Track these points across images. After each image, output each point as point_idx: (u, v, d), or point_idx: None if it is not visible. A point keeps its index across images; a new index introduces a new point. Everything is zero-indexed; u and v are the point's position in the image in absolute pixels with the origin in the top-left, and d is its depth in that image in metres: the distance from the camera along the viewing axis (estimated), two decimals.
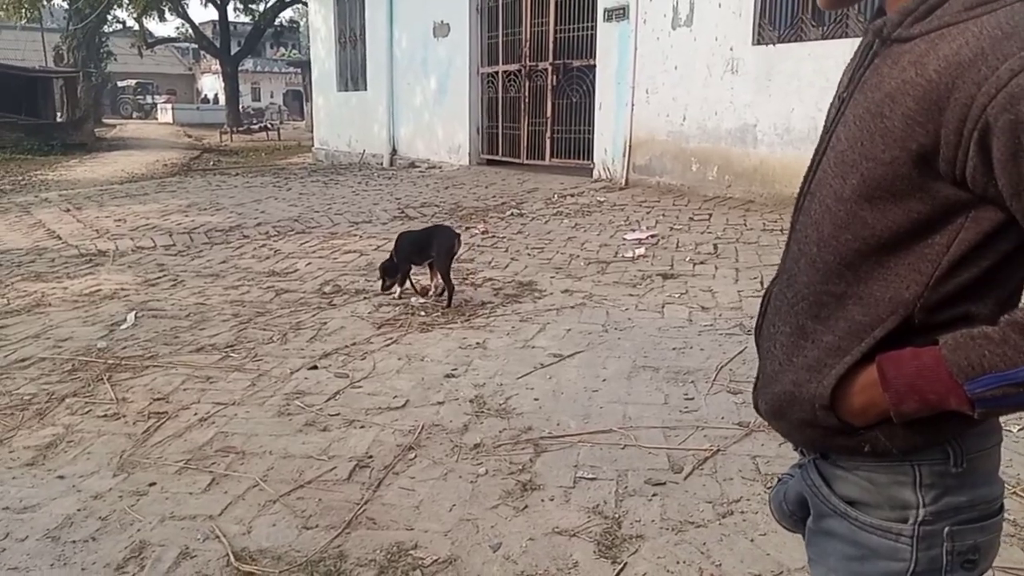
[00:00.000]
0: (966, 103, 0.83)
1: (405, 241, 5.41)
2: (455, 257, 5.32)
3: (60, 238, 7.72)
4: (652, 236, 7.02)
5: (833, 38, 7.65)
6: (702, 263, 6.05)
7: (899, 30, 0.94)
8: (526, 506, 2.63)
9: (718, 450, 2.98)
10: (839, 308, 0.98)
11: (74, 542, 2.47)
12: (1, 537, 2.49)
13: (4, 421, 3.39)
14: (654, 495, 2.68)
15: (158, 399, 3.61)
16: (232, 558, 2.35)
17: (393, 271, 5.35)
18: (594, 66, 10.54)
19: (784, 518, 1.22)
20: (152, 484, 2.82)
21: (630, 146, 9.93)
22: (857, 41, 1.09)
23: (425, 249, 5.28)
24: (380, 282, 5.40)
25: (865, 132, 0.93)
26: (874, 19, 1.00)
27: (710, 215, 7.84)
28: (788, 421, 1.07)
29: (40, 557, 2.38)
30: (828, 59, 7.58)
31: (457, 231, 5.44)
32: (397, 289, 5.35)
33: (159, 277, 6.12)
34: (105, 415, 3.44)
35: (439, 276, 5.25)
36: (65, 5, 36.03)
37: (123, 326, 4.77)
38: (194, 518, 2.59)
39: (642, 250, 6.50)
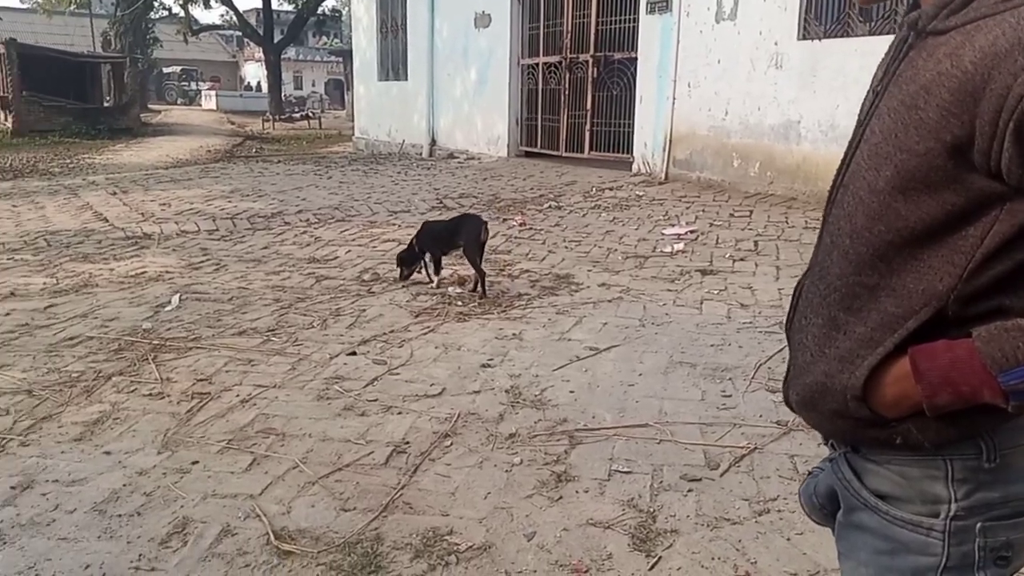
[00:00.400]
0: (1002, 93, 0.82)
1: (432, 229, 5.45)
2: (484, 245, 5.33)
3: (107, 220, 7.89)
4: (691, 231, 6.97)
5: (881, 34, 7.51)
6: (742, 260, 6.00)
7: (934, 23, 0.93)
8: (560, 497, 2.65)
9: (755, 448, 2.97)
10: (872, 300, 0.98)
11: (120, 516, 2.53)
12: (51, 508, 2.56)
13: (53, 397, 3.48)
14: (689, 491, 2.68)
15: (201, 380, 3.68)
16: (272, 537, 2.40)
17: (411, 260, 5.41)
18: (635, 59, 10.48)
19: (814, 511, 1.22)
20: (195, 462, 2.88)
21: (670, 140, 9.87)
22: None
23: (453, 237, 5.30)
24: (398, 272, 5.47)
25: (899, 124, 0.92)
26: (908, 12, 0.99)
27: (751, 212, 7.77)
28: (819, 412, 1.07)
29: (88, 529, 2.45)
30: (875, 55, 7.35)
31: (485, 219, 5.47)
32: (435, 278, 5.39)
33: (202, 261, 6.23)
34: (150, 394, 3.52)
35: (471, 266, 5.25)
36: None
37: (167, 308, 4.87)
38: (235, 496, 2.64)
39: (681, 245, 6.47)
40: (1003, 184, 0.87)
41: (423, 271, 5.47)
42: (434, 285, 5.38)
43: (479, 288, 5.19)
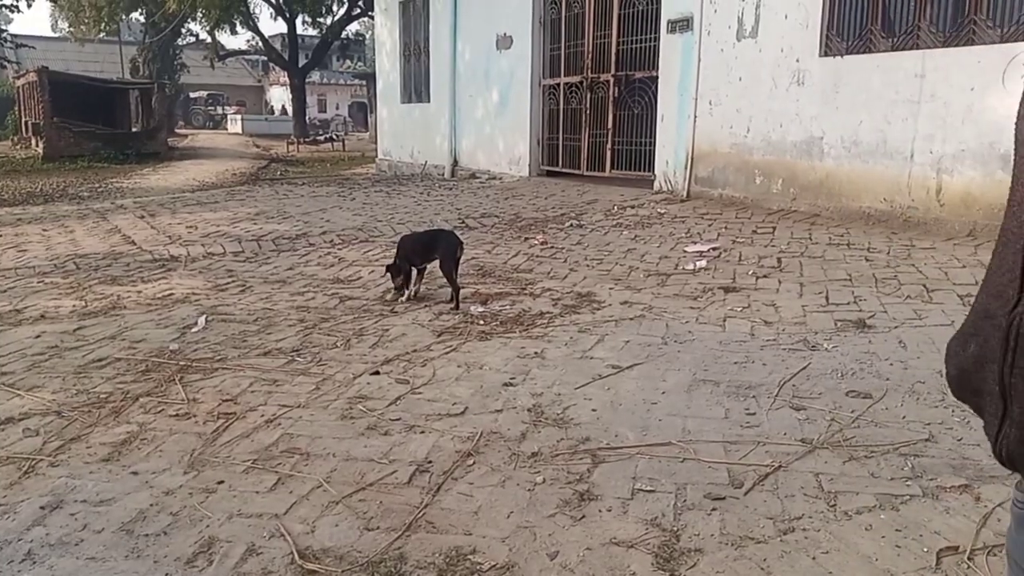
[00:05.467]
0: None
1: (410, 243, 5.70)
2: (459, 261, 5.52)
3: (135, 243, 8.01)
4: (714, 249, 6.95)
5: (903, 49, 7.48)
6: (765, 277, 5.97)
7: None
8: (583, 516, 2.64)
9: (780, 466, 2.94)
10: None
11: (147, 535, 2.56)
12: (80, 528, 2.60)
13: (82, 418, 3.53)
14: (713, 509, 2.66)
15: (227, 400, 3.71)
16: (296, 556, 2.41)
17: (398, 272, 5.59)
18: (657, 78, 10.51)
19: None
20: (220, 482, 2.91)
21: (692, 158, 9.86)
22: (928, 52, 1.05)
23: (429, 251, 5.54)
24: (393, 284, 5.62)
25: None
26: None
27: (774, 228, 7.73)
28: None
29: (115, 549, 2.48)
30: (898, 71, 7.42)
31: (460, 238, 5.66)
32: (407, 291, 5.59)
33: (228, 282, 6.30)
34: (177, 414, 3.56)
35: (447, 280, 5.46)
36: (142, 19, 37.48)
37: (194, 329, 4.93)
38: (260, 516, 2.66)
39: (703, 263, 6.45)
40: None
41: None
42: (404, 298, 5.57)
43: (454, 301, 5.36)
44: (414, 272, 5.63)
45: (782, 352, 4.27)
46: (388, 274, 5.65)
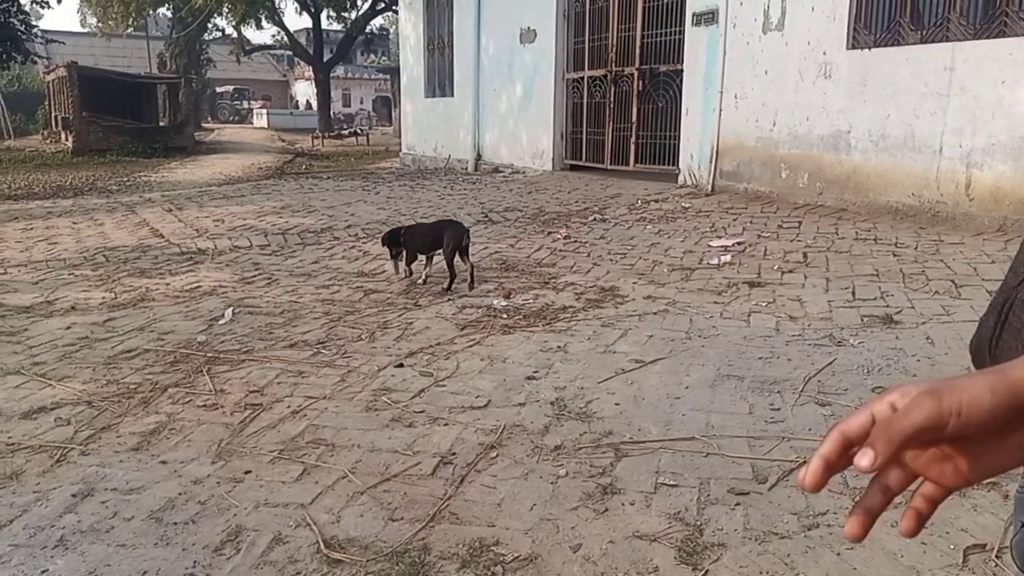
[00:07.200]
0: None
1: (418, 231, 5.98)
2: (466, 250, 5.73)
3: (163, 236, 8.11)
4: (739, 243, 6.91)
5: (932, 42, 7.38)
6: (791, 272, 5.92)
7: None
8: (606, 509, 2.64)
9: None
10: None
11: (175, 524, 2.60)
12: (110, 516, 2.64)
13: (112, 408, 3.59)
14: (737, 504, 2.65)
15: (253, 391, 3.76)
16: (322, 545, 2.43)
17: (395, 243, 5.90)
18: (681, 71, 10.45)
19: None
20: (248, 472, 2.95)
21: (717, 152, 9.80)
22: (958, 45, 1.02)
23: (437, 240, 5.73)
24: (390, 254, 5.98)
25: None
26: None
27: (800, 223, 7.67)
28: None
29: (145, 536, 2.52)
30: (927, 64, 7.32)
31: (467, 227, 5.92)
32: (422, 274, 5.90)
33: (255, 275, 6.36)
34: (204, 405, 3.61)
35: (446, 266, 5.68)
36: (169, 14, 37.84)
37: (221, 321, 4.98)
38: (286, 506, 2.69)
39: (728, 257, 6.41)
40: None
41: (401, 265, 6.01)
42: (421, 280, 5.87)
43: (448, 284, 5.64)
44: (423, 259, 5.90)
45: (807, 347, 4.24)
46: (386, 248, 5.97)
